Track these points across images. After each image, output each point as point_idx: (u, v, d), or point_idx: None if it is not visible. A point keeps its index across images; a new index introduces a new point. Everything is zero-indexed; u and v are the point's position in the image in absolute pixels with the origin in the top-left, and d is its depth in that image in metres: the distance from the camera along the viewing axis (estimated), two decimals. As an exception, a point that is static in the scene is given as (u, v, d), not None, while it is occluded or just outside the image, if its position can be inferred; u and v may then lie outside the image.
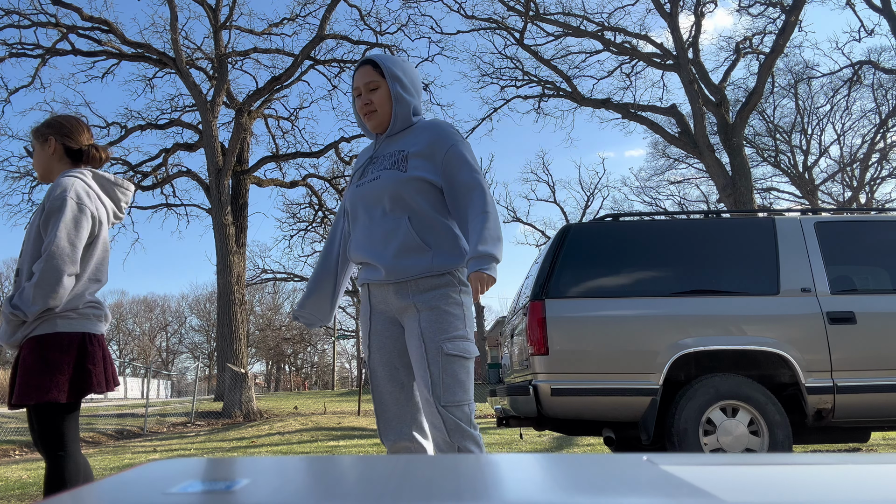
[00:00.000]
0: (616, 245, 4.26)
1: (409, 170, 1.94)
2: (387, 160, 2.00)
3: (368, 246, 1.96)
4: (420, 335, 1.89)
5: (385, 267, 1.92)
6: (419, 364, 1.87)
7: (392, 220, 1.93)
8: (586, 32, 18.69)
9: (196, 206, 20.48)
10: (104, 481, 0.50)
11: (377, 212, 1.96)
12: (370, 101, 2.00)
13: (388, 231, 1.93)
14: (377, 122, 2.03)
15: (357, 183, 2.04)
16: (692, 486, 0.46)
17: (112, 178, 2.43)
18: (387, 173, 1.95)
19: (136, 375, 43.89)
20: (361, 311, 2.07)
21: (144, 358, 52.58)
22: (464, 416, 1.83)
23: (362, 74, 2.00)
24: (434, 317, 1.89)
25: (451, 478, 0.50)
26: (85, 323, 2.20)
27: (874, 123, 24.66)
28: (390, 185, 1.93)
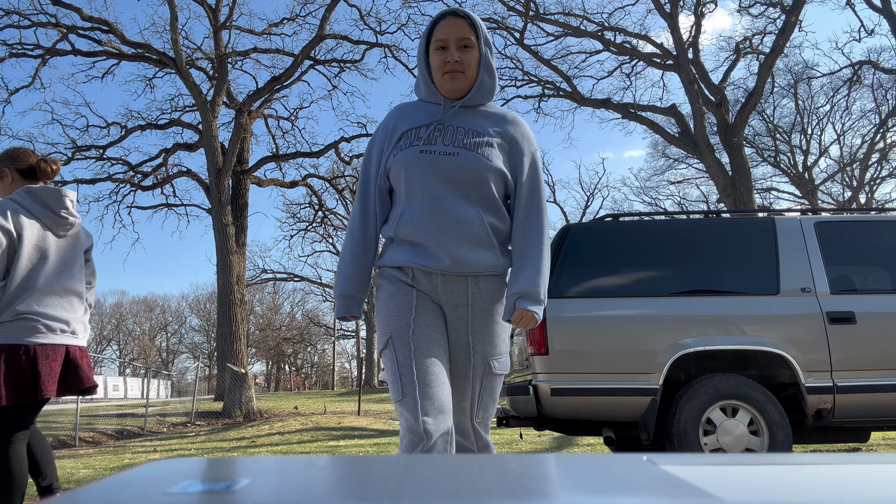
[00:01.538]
0: (616, 245, 4.26)
1: (493, 159, 1.76)
2: (461, 136, 1.76)
3: (432, 227, 1.72)
4: (469, 345, 1.77)
5: (451, 256, 1.72)
6: (462, 374, 1.77)
7: (464, 207, 1.72)
8: (586, 32, 18.69)
9: (196, 206, 20.49)
10: (104, 481, 0.50)
11: (448, 192, 1.72)
12: (461, 59, 1.74)
13: (460, 218, 1.72)
14: (459, 86, 1.77)
15: (421, 147, 1.75)
16: (692, 486, 0.46)
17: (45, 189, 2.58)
18: (467, 154, 1.73)
19: (136, 375, 43.89)
20: (393, 286, 1.78)
21: (144, 358, 52.59)
22: (487, 428, 1.84)
23: (454, 27, 1.75)
24: (487, 328, 1.78)
25: (451, 478, 0.50)
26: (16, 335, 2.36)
27: (874, 123, 24.67)
28: (472, 169, 1.73)
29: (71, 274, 2.56)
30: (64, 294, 2.50)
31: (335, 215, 28.32)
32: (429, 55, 1.80)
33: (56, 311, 2.46)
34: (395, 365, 1.66)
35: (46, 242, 2.49)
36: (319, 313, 48.57)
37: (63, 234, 2.55)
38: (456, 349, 1.78)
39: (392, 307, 1.74)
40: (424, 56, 1.81)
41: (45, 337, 2.41)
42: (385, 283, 1.80)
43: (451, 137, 1.75)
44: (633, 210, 31.58)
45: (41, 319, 2.40)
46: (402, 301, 1.74)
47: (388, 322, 1.74)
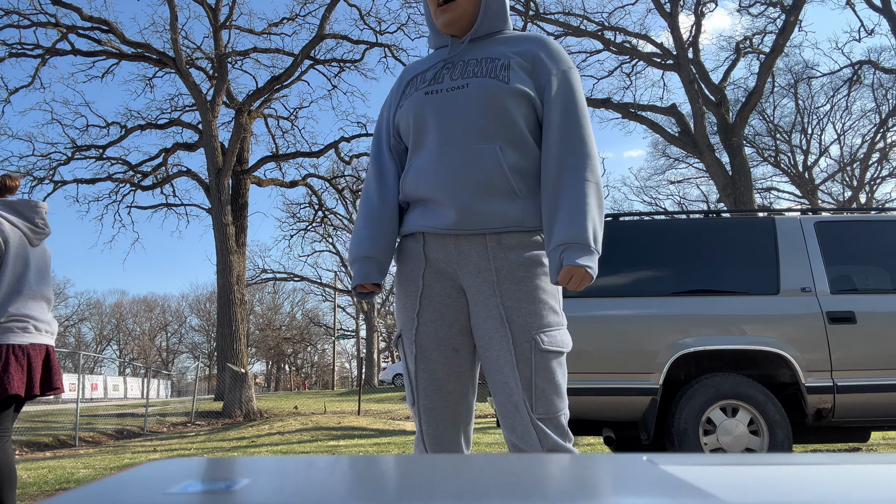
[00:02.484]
0: (616, 245, 4.26)
1: (512, 80, 1.42)
2: (473, 66, 1.46)
3: (437, 177, 1.42)
4: (503, 317, 1.38)
5: (459, 208, 1.40)
6: (502, 358, 1.38)
7: (477, 148, 1.40)
8: (586, 32, 18.70)
9: (196, 206, 20.51)
10: (104, 481, 0.50)
11: (457, 131, 1.42)
12: None
13: (471, 161, 1.40)
14: (455, 17, 1.49)
15: (426, 89, 1.48)
16: (692, 486, 0.46)
17: (21, 201, 2.81)
18: (481, 81, 1.43)
19: (136, 375, 43.90)
20: (405, 267, 1.51)
21: (144, 358, 52.59)
22: (561, 430, 1.38)
23: None
24: (523, 294, 1.38)
25: (451, 478, 0.50)
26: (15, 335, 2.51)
27: (874, 123, 24.68)
28: (485, 95, 1.41)
29: (46, 281, 2.76)
30: (41, 299, 2.69)
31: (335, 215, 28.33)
32: None
33: (40, 314, 2.65)
34: (404, 368, 1.50)
35: (26, 251, 2.68)
36: (319, 313, 48.61)
37: (38, 243, 2.75)
38: (487, 329, 1.40)
39: (401, 296, 1.51)
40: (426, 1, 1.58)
41: (34, 337, 2.59)
42: (398, 262, 1.55)
43: (460, 71, 1.48)
44: (633, 210, 31.60)
45: (31, 321, 2.59)
46: (410, 288, 1.48)
47: (398, 314, 1.53)
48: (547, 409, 1.36)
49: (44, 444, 9.09)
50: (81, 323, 52.23)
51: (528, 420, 1.35)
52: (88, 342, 52.66)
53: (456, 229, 1.41)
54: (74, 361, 32.24)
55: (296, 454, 6.51)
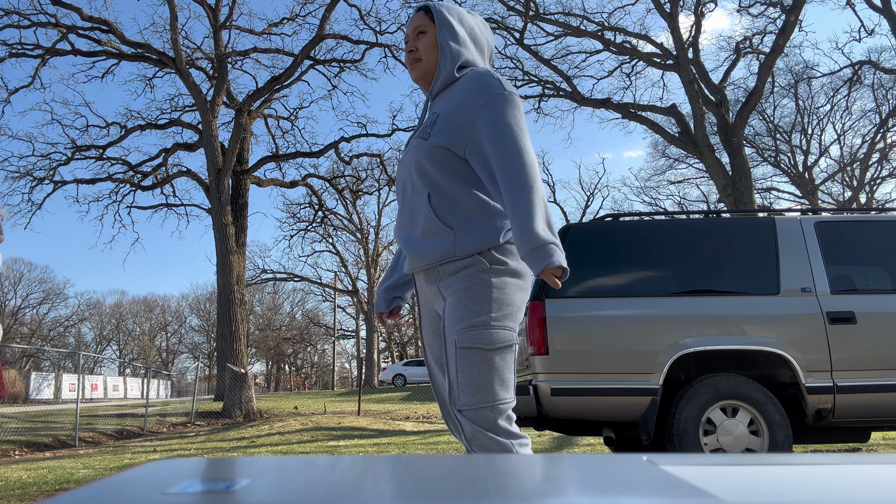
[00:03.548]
0: (616, 245, 4.26)
1: (433, 136, 1.65)
2: (424, 128, 1.73)
3: (401, 228, 1.76)
4: (442, 329, 1.66)
5: (412, 252, 1.70)
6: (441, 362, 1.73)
7: (416, 198, 1.69)
8: (586, 32, 18.70)
9: (196, 206, 20.51)
10: (104, 481, 0.50)
11: (407, 188, 1.73)
12: (415, 47, 1.74)
13: (414, 210, 1.69)
14: (420, 73, 1.76)
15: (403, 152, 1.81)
16: (692, 486, 0.46)
17: None
18: (415, 142, 1.71)
19: (136, 375, 43.90)
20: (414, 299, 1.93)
21: (144, 358, 52.60)
22: (484, 421, 1.51)
23: (413, 20, 1.77)
24: (454, 304, 1.60)
25: (451, 478, 0.50)
26: None
27: (874, 123, 24.69)
28: (415, 156, 1.68)
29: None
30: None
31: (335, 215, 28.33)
32: None
33: None
34: None
35: None
36: (319, 313, 48.60)
37: None
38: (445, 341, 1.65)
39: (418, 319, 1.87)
40: None
41: None
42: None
43: (421, 132, 1.73)
44: (633, 210, 31.60)
45: None
46: (418, 313, 1.84)
47: None
48: (467, 401, 1.52)
49: (44, 444, 9.09)
50: (81, 323, 52.25)
51: (452, 412, 1.56)
52: (88, 342, 52.68)
53: (413, 267, 1.73)
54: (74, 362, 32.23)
55: (296, 454, 6.51)
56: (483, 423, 1.51)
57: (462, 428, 1.53)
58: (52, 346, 44.56)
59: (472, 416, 1.51)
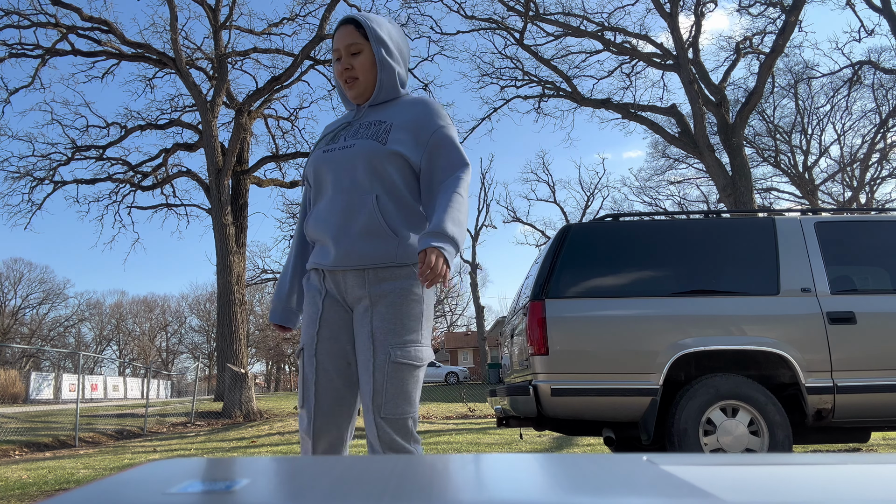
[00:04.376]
0: (616, 245, 4.26)
1: (390, 143, 1.72)
2: (364, 129, 1.77)
3: (327, 221, 1.72)
4: (370, 335, 1.66)
5: (342, 249, 1.69)
6: (364, 368, 1.66)
7: (359, 196, 1.69)
8: (586, 32, 18.70)
9: (196, 206, 20.51)
10: (104, 481, 0.50)
11: (344, 182, 1.72)
12: (351, 65, 1.77)
13: (353, 207, 1.69)
14: (359, 91, 1.80)
15: (325, 148, 1.79)
16: (692, 486, 0.46)
17: None
18: (363, 142, 1.73)
19: (136, 375, 43.90)
20: (309, 294, 1.80)
21: (144, 358, 52.59)
22: (402, 429, 1.62)
23: (343, 35, 1.77)
24: (389, 315, 1.66)
25: (451, 478, 0.50)
26: None
27: (874, 123, 24.69)
28: (365, 154, 1.70)
29: None
30: None
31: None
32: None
33: None
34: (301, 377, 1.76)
35: None
36: (319, 313, 48.44)
37: None
38: (360, 345, 1.69)
39: (305, 317, 1.81)
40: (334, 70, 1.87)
41: None
42: (305, 289, 1.85)
43: (354, 133, 1.78)
44: (633, 210, 31.59)
45: None
46: (311, 311, 1.78)
47: (302, 332, 1.81)
48: (392, 412, 1.62)
49: (44, 444, 9.09)
50: (81, 323, 52.24)
51: (373, 418, 1.62)
52: (88, 342, 52.68)
53: (338, 266, 1.71)
54: (74, 362, 32.23)
55: (296, 454, 6.51)
56: (402, 431, 1.63)
57: (379, 433, 1.62)
58: (52, 346, 44.57)
59: (395, 425, 1.62)
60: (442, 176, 1.75)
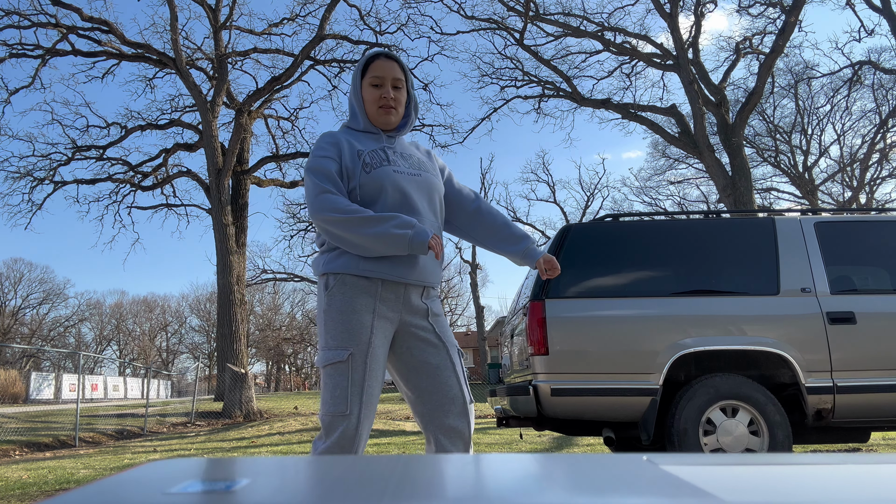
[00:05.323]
0: (616, 245, 4.26)
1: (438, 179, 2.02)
2: (414, 161, 1.97)
3: None
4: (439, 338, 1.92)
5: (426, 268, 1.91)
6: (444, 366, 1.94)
7: (431, 221, 1.93)
8: (586, 33, 18.69)
9: (196, 207, 20.50)
10: (104, 481, 0.50)
11: (426, 207, 1.93)
12: (395, 98, 1.96)
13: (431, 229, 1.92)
14: (393, 121, 1.98)
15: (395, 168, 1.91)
16: (692, 486, 0.46)
17: None
18: (429, 176, 1.97)
19: (136, 375, 43.89)
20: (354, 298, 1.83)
21: (144, 358, 52.58)
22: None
23: (389, 67, 1.95)
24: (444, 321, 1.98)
25: (451, 478, 0.50)
26: None
27: (874, 123, 24.68)
28: (438, 188, 1.98)
29: None
30: None
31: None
32: (363, 91, 1.98)
33: None
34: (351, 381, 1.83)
35: None
36: (319, 313, 48.41)
37: None
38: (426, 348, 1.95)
39: (352, 323, 1.87)
40: (359, 90, 1.98)
41: None
42: (351, 292, 1.87)
43: (405, 161, 1.97)
44: (633, 210, 31.59)
45: None
46: (362, 319, 1.87)
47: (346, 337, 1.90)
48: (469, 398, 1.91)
49: (44, 444, 9.09)
50: (81, 323, 52.24)
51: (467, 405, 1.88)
52: (88, 342, 52.67)
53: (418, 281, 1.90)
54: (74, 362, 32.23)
55: (296, 454, 6.51)
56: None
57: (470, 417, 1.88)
58: (52, 346, 44.57)
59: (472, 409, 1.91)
60: (473, 195, 2.13)
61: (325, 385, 1.79)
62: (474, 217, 2.10)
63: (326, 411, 1.76)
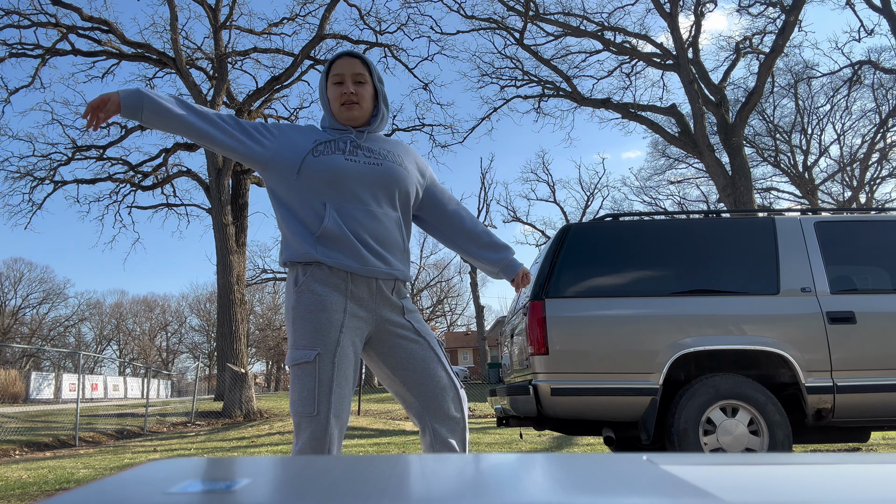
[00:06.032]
0: (616, 245, 4.26)
1: (409, 172, 1.98)
2: (380, 155, 1.94)
3: (382, 234, 1.88)
4: (418, 334, 1.92)
5: (388, 261, 1.88)
6: (429, 360, 1.93)
7: (385, 214, 1.89)
8: (586, 32, 18.69)
9: (196, 206, 20.51)
10: (104, 481, 0.50)
11: (381, 199, 1.89)
12: (355, 91, 1.94)
13: (394, 226, 1.91)
14: (356, 116, 1.96)
15: (346, 156, 1.89)
16: (692, 486, 0.46)
17: None
18: (392, 166, 1.92)
19: (136, 375, 43.88)
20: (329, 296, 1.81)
21: (144, 358, 52.58)
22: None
23: (349, 64, 1.95)
24: (420, 317, 1.99)
25: (451, 478, 0.50)
26: None
27: (874, 123, 24.68)
28: (399, 179, 1.92)
29: None
30: None
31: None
32: (328, 91, 1.99)
33: None
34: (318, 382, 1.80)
35: None
36: (319, 313, 48.41)
37: None
38: (406, 345, 1.96)
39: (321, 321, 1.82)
40: (325, 91, 1.99)
41: None
42: (318, 285, 1.83)
43: (371, 154, 1.94)
44: (633, 210, 31.58)
45: None
46: (331, 317, 1.83)
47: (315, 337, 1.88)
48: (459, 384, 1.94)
49: (44, 444, 9.09)
50: (81, 323, 52.23)
51: (459, 393, 1.91)
52: (88, 342, 52.67)
53: (385, 275, 1.88)
54: (74, 361, 32.22)
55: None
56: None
57: (463, 404, 1.91)
58: (52, 346, 44.56)
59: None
60: (456, 203, 2.14)
61: (294, 385, 1.77)
62: (454, 218, 2.11)
63: (295, 411, 1.76)
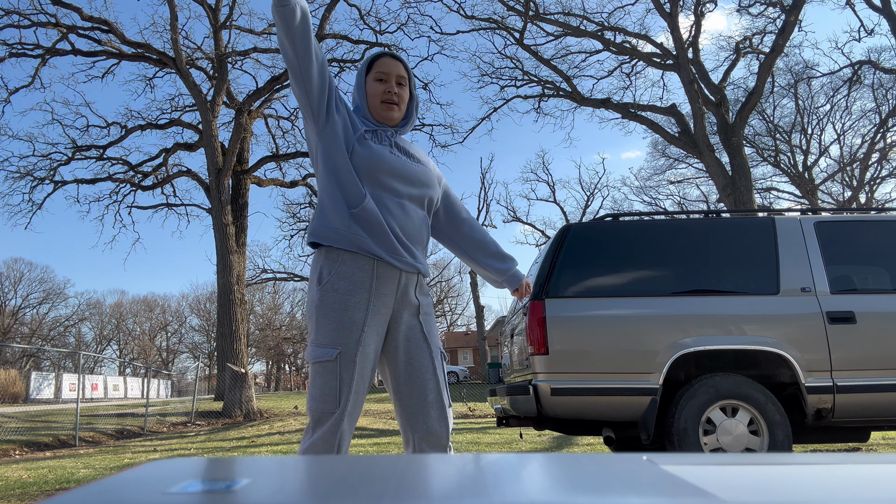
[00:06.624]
0: (616, 245, 4.26)
1: (436, 178, 2.04)
2: (411, 156, 1.99)
3: (411, 229, 1.92)
4: (424, 337, 1.92)
5: (415, 255, 1.92)
6: (427, 366, 1.92)
7: (416, 212, 1.94)
8: (586, 32, 18.69)
9: (196, 206, 20.49)
10: (104, 481, 0.50)
11: (413, 196, 1.94)
12: (398, 94, 1.98)
13: (421, 223, 1.95)
14: (394, 116, 1.99)
15: (390, 150, 1.93)
16: (692, 486, 0.46)
17: None
18: (423, 168, 1.99)
19: (136, 375, 43.87)
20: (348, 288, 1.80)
21: (144, 358, 52.57)
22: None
23: (395, 65, 1.99)
24: (431, 320, 1.97)
25: (451, 478, 0.50)
26: None
27: (874, 123, 24.68)
28: (429, 181, 1.99)
29: None
30: None
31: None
32: (367, 85, 2.00)
33: None
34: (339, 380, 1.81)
35: None
36: (319, 313, 48.37)
37: None
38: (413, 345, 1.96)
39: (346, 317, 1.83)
40: (363, 84, 2.00)
41: None
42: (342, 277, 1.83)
43: (409, 154, 2.00)
44: (633, 210, 31.57)
45: None
46: (361, 294, 1.85)
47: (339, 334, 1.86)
48: (448, 402, 1.93)
49: (44, 443, 9.09)
50: (81, 323, 52.23)
51: (446, 407, 1.89)
52: (88, 342, 52.66)
53: (412, 269, 1.90)
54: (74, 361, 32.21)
55: (296, 454, 6.50)
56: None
57: (448, 421, 1.90)
58: (52, 346, 44.56)
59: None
60: (466, 212, 2.19)
61: (314, 381, 1.78)
62: (465, 226, 2.15)
63: (315, 406, 1.77)
